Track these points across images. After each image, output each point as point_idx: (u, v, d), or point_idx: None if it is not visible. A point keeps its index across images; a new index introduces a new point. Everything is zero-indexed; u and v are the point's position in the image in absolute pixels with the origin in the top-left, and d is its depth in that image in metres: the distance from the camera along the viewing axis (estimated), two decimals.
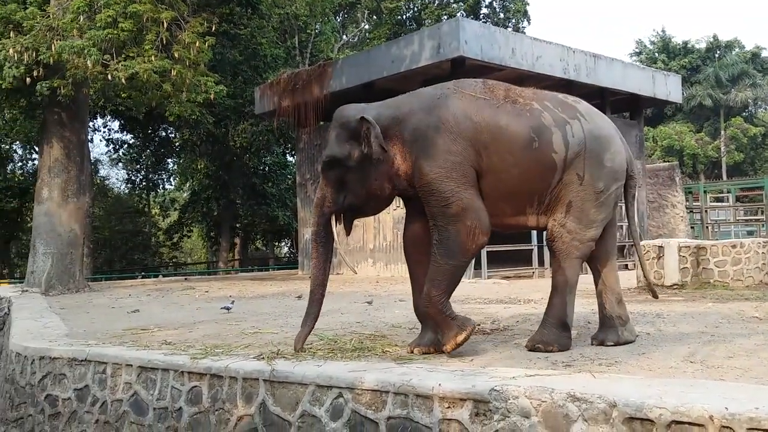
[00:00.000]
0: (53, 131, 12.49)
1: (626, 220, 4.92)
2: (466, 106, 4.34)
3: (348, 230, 4.79)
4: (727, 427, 2.55)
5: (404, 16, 29.84)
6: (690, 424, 2.64)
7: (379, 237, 14.15)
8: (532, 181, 4.35)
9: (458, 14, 27.52)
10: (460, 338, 4.14)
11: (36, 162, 19.86)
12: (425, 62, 12.48)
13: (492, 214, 4.46)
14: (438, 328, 4.30)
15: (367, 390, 3.56)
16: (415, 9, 30.03)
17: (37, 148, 18.23)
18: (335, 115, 4.62)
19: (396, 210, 12.36)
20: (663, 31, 40.35)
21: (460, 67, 11.97)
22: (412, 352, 4.38)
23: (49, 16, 10.88)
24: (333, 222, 4.63)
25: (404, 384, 3.43)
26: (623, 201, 4.93)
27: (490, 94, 4.44)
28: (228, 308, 7.92)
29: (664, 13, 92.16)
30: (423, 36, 12.88)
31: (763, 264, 8.99)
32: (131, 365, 4.76)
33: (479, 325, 5.79)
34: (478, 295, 8.94)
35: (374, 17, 28.52)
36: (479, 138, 4.26)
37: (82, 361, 5.11)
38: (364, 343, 4.84)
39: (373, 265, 14.24)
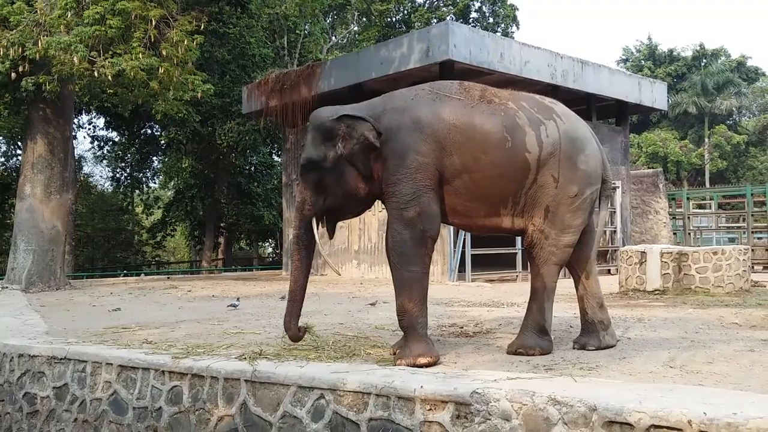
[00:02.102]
0: (38, 127, 12.39)
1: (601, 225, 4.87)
2: (439, 107, 4.34)
3: (331, 233, 4.78)
4: (705, 431, 2.58)
5: (394, 19, 29.90)
6: (669, 428, 2.66)
7: (363, 238, 14.15)
8: (505, 181, 4.33)
9: (448, 18, 27.60)
10: (421, 361, 4.02)
11: (19, 158, 19.65)
12: (414, 65, 12.51)
13: (466, 214, 4.47)
14: (405, 339, 4.28)
15: (349, 391, 3.55)
16: (405, 12, 30.09)
17: (20, 144, 18.06)
18: (311, 118, 4.64)
19: (381, 212, 12.37)
20: (649, 38, 40.76)
21: (449, 71, 12.00)
22: (394, 353, 4.36)
23: (36, 11, 10.79)
24: (314, 225, 4.63)
25: (386, 386, 3.43)
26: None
27: (465, 94, 4.43)
28: (235, 306, 7.92)
29: (653, 21, 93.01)
30: (412, 39, 12.90)
31: (744, 271, 9.08)
32: (111, 364, 4.72)
33: (462, 328, 5.82)
34: (462, 297, 8.97)
35: (364, 19, 28.52)
36: (453, 138, 4.26)
37: (61, 359, 5.06)
38: (347, 345, 4.84)
39: (357, 266, 14.24)
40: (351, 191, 4.49)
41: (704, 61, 38.91)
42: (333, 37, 26.49)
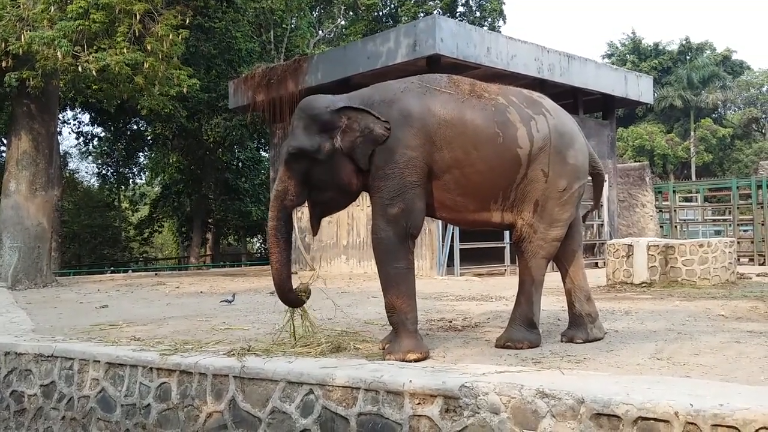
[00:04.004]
0: (22, 123, 12.27)
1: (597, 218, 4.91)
2: (429, 101, 4.30)
3: (315, 229, 4.68)
4: (692, 423, 2.60)
5: (381, 13, 29.83)
6: (656, 420, 2.68)
7: (352, 233, 14.13)
8: (496, 176, 4.32)
9: (435, 12, 27.56)
10: (411, 356, 4.00)
11: (3, 154, 19.47)
12: (401, 59, 12.49)
13: (455, 209, 4.46)
14: (395, 335, 4.26)
15: (338, 386, 3.55)
16: (392, 6, 30.03)
17: (4, 140, 17.89)
18: (302, 106, 4.47)
19: (370, 207, 12.35)
20: (633, 32, 40.86)
21: (436, 65, 12.00)
22: (383, 348, 4.35)
23: (19, 6, 10.65)
24: (294, 216, 4.56)
25: (375, 380, 3.43)
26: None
27: (455, 88, 4.40)
28: (229, 301, 7.88)
29: (638, 13, 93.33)
30: (399, 33, 12.88)
31: (730, 263, 9.16)
32: (99, 361, 4.69)
33: (450, 322, 5.83)
34: (451, 292, 8.99)
35: (351, 13, 28.42)
36: (443, 133, 4.23)
37: (48, 357, 5.03)
38: (335, 340, 4.82)
39: (346, 261, 14.22)
40: (343, 185, 4.41)
41: (690, 55, 39.10)
42: (320, 32, 26.39)
